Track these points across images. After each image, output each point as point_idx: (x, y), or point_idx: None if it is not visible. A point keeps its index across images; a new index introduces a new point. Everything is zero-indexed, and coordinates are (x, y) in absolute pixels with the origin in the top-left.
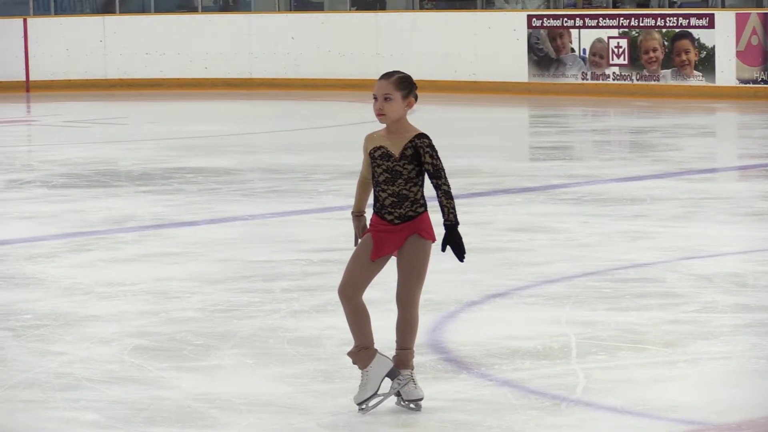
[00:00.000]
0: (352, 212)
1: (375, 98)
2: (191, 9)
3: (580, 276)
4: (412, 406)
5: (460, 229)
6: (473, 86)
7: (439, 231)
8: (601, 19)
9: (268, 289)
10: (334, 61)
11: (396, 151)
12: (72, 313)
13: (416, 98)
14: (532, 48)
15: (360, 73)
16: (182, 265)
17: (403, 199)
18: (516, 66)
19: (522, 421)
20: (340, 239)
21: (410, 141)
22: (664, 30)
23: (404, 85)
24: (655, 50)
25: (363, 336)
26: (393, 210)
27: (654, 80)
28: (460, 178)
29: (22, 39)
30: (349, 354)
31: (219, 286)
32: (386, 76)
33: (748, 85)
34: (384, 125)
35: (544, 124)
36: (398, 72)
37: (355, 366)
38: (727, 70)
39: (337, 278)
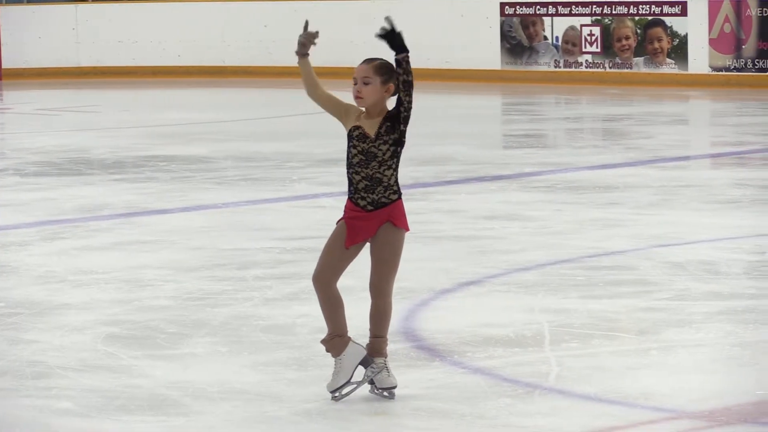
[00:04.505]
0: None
1: (355, 81)
2: None
3: (553, 264)
4: (385, 394)
5: (435, 216)
6: (446, 74)
7: (411, 217)
8: (573, 6)
9: (242, 277)
10: None
11: (372, 131)
12: (45, 302)
13: (396, 86)
14: (505, 36)
15: (333, 61)
16: (155, 254)
17: (376, 183)
18: (489, 54)
19: (495, 408)
20: (314, 227)
21: (385, 115)
22: (636, 18)
23: (384, 71)
24: (627, 38)
25: (337, 324)
26: (366, 195)
27: (627, 68)
28: (434, 166)
29: None
30: (323, 342)
31: (192, 274)
32: (368, 60)
33: (720, 72)
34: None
35: (517, 112)
36: (380, 58)
37: (329, 354)
38: (700, 58)
39: (311, 266)
